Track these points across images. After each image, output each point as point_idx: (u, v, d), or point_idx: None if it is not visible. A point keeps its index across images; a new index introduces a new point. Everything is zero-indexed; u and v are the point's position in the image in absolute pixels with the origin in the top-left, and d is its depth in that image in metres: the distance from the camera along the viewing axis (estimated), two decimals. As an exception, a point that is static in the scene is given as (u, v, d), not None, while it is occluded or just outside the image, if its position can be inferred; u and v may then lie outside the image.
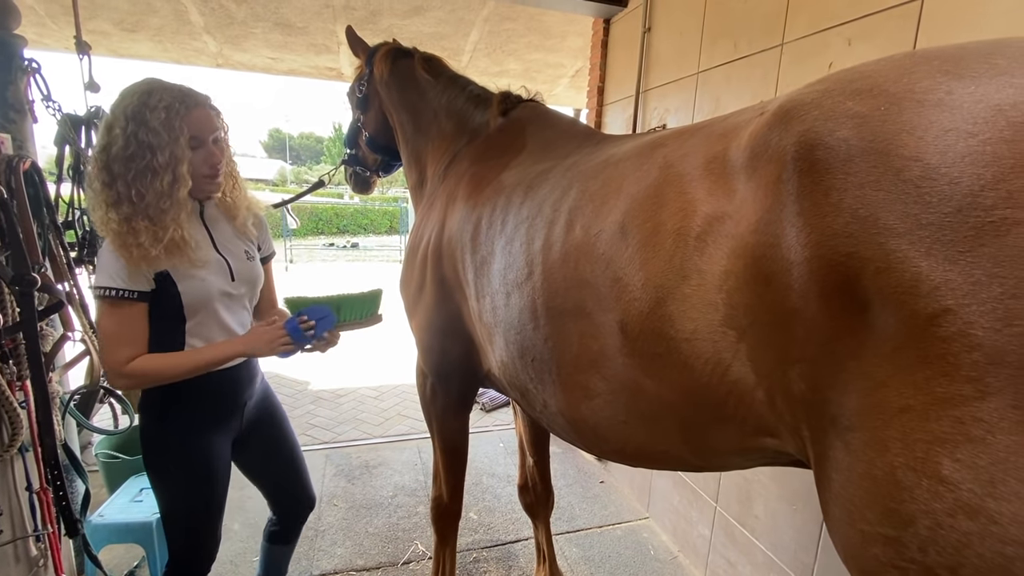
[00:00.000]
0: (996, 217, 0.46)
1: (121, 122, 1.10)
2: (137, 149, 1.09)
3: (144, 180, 1.10)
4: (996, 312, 0.47)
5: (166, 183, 1.11)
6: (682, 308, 0.76)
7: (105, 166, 1.11)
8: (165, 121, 1.10)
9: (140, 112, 1.10)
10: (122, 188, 1.10)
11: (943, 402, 0.50)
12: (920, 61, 0.58)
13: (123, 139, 1.09)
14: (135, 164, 1.09)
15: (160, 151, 1.10)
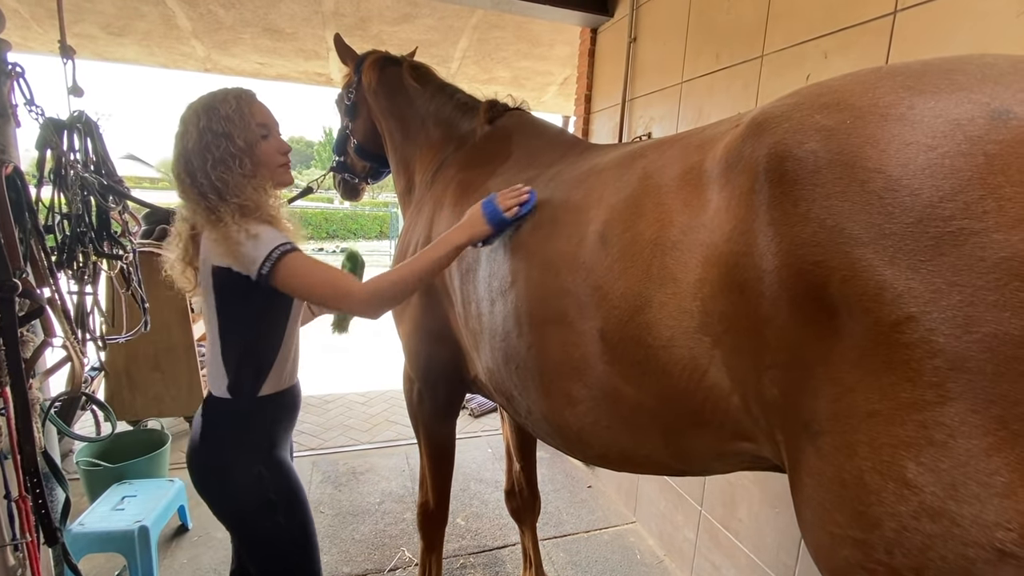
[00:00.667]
0: (954, 227, 0.48)
1: (193, 120, 1.13)
2: (212, 139, 1.11)
3: (223, 166, 1.11)
4: (956, 319, 0.49)
5: (247, 166, 1.13)
6: (659, 316, 0.78)
7: (185, 165, 1.13)
8: (236, 109, 1.14)
9: (210, 106, 1.13)
10: (203, 179, 1.11)
11: (907, 407, 0.52)
12: (885, 76, 0.60)
13: (196, 133, 1.12)
14: (211, 153, 1.11)
15: (236, 137, 1.12)
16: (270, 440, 1.24)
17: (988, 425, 0.47)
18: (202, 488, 1.22)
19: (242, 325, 1.19)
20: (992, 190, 0.47)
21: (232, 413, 1.20)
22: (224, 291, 1.15)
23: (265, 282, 1.09)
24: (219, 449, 1.20)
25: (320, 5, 3.14)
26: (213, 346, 1.20)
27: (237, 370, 1.19)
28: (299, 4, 3.12)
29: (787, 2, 1.73)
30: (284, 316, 1.23)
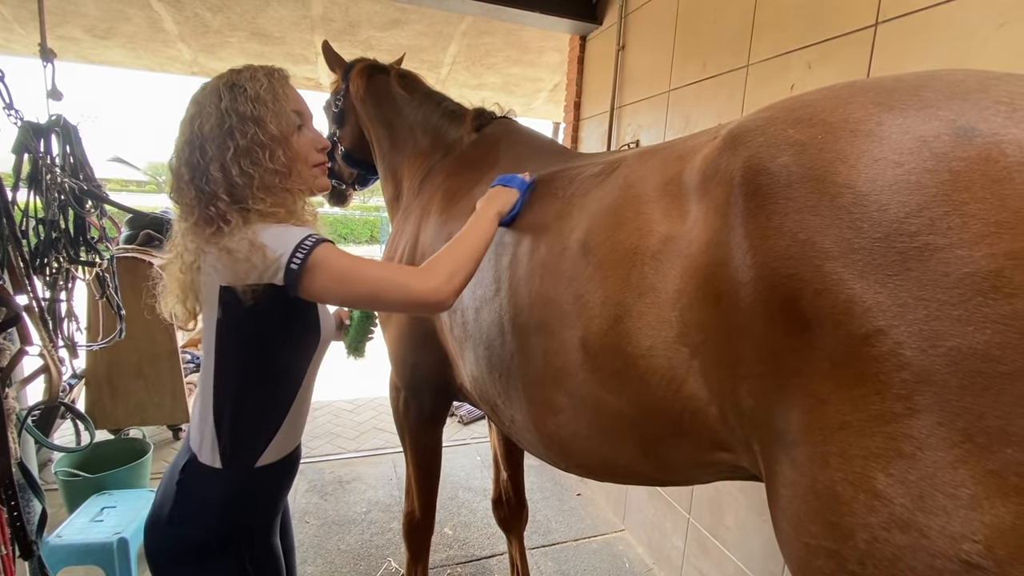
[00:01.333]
0: (920, 243, 0.49)
1: (212, 99, 0.87)
2: (237, 122, 0.85)
3: (249, 158, 0.86)
4: (922, 333, 0.49)
5: (280, 159, 0.88)
6: (638, 325, 0.78)
7: (191, 155, 0.86)
8: (268, 88, 0.89)
9: (235, 83, 0.88)
10: (217, 172, 0.85)
11: (877, 419, 0.53)
12: (857, 92, 0.61)
13: (216, 115, 0.85)
14: (234, 140, 0.85)
15: (267, 121, 0.86)
16: (262, 523, 0.98)
17: (954, 437, 0.48)
18: (162, 571, 0.96)
19: (247, 366, 0.91)
20: (956, 206, 0.47)
21: (219, 489, 0.92)
22: (230, 317, 0.86)
23: (294, 280, 0.81)
24: (194, 533, 0.91)
25: (308, 10, 3.14)
26: (203, 397, 0.93)
27: (233, 430, 0.91)
28: (287, 8, 3.11)
29: (771, 13, 1.76)
30: (304, 353, 0.96)
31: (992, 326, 0.45)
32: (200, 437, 0.93)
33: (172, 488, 0.93)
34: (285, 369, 0.95)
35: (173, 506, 0.92)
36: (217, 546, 0.92)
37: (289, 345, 0.94)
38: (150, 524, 0.97)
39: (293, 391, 0.96)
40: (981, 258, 0.46)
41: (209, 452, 0.92)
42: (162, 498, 0.95)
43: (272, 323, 0.89)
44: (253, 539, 0.96)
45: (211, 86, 0.90)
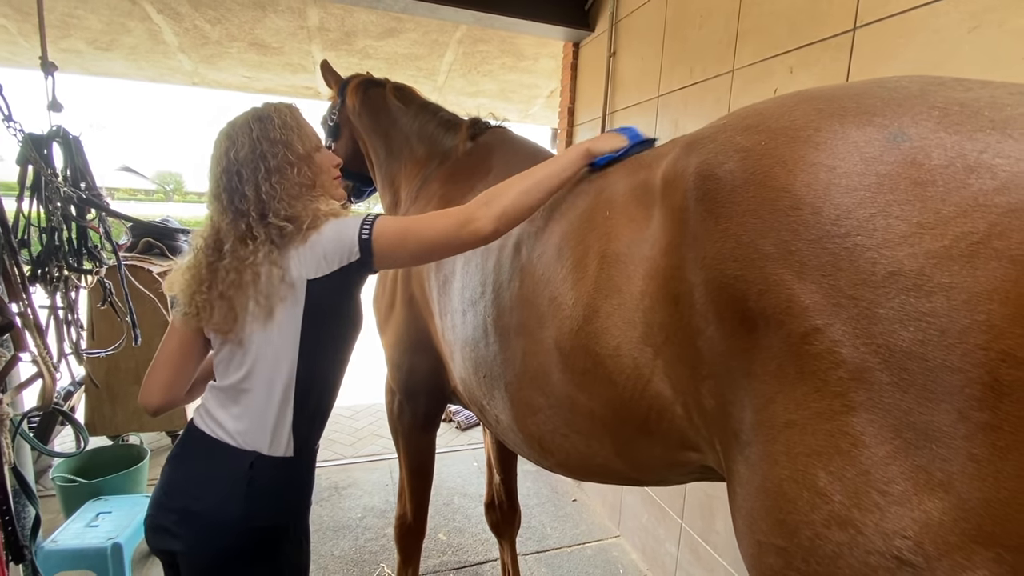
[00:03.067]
0: (850, 244, 0.50)
1: (244, 131, 1.00)
2: (268, 147, 0.98)
3: (279, 175, 0.99)
4: (855, 331, 0.50)
5: (306, 175, 1.02)
6: (606, 325, 0.79)
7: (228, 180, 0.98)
8: (293, 117, 1.04)
9: (263, 116, 1.02)
10: (251, 192, 0.97)
11: (818, 416, 0.54)
12: (803, 100, 0.63)
13: (249, 144, 0.99)
14: (265, 162, 0.98)
15: (296, 144, 1.01)
16: (311, 500, 1.11)
17: (885, 434, 0.49)
18: (231, 563, 0.99)
19: (326, 355, 1.03)
20: (882, 208, 0.49)
21: (292, 474, 1.02)
22: (318, 307, 0.98)
23: (368, 249, 0.95)
24: (276, 522, 1.00)
25: (305, 20, 3.19)
26: (278, 394, 0.98)
27: (311, 418, 1.03)
28: (284, 19, 3.16)
29: (755, 19, 1.78)
30: (355, 338, 1.10)
31: (915, 324, 0.46)
32: (271, 435, 0.99)
33: (239, 488, 0.97)
34: (347, 356, 1.09)
35: (247, 503, 0.97)
36: (293, 529, 1.04)
37: (350, 335, 1.08)
38: (214, 531, 0.98)
39: (343, 376, 1.11)
40: (904, 258, 0.47)
41: (284, 445, 1.00)
42: (220, 502, 0.98)
43: (344, 312, 1.03)
44: (307, 515, 1.11)
45: (241, 120, 1.02)
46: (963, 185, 0.47)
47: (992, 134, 0.48)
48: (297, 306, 0.97)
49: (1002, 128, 0.48)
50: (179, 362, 1.06)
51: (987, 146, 0.48)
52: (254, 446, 0.99)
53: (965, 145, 0.48)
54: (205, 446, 1.01)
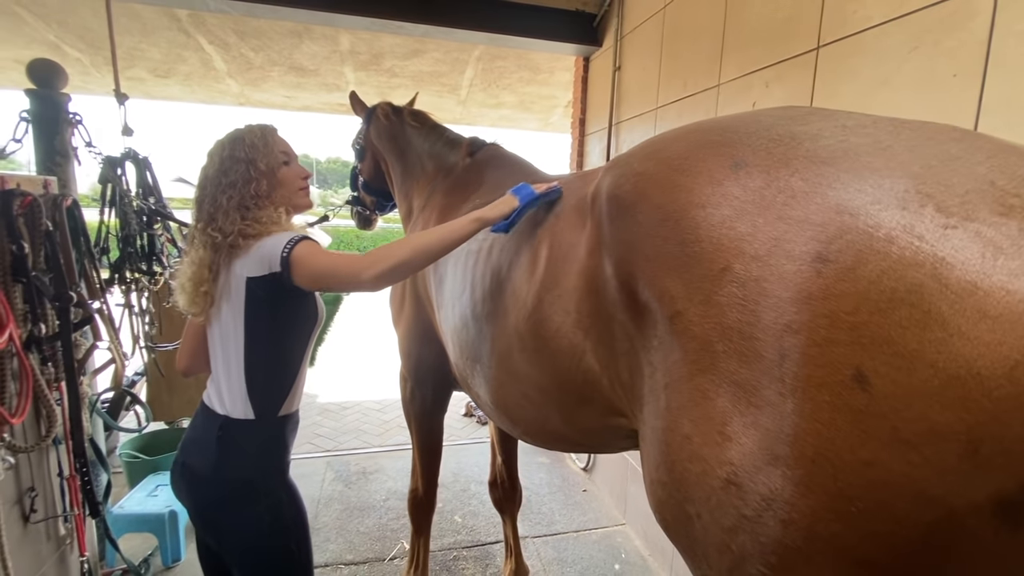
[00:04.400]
0: (696, 249, 0.67)
1: (217, 151, 1.18)
2: (232, 164, 1.15)
3: (236, 188, 1.14)
4: (703, 313, 0.67)
5: (263, 188, 1.17)
6: (549, 313, 0.98)
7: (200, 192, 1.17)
8: (261, 137, 1.20)
9: (236, 137, 1.19)
10: (210, 206, 1.14)
11: (682, 378, 0.70)
12: (689, 132, 0.79)
13: (218, 162, 1.16)
14: (227, 177, 1.15)
15: (258, 161, 1.17)
16: (286, 463, 1.26)
17: (721, 389, 0.65)
18: (216, 517, 1.19)
19: (269, 340, 1.19)
20: (719, 221, 0.65)
21: (255, 436, 1.19)
22: (254, 302, 1.14)
23: (286, 266, 1.09)
24: (241, 475, 1.17)
25: (337, 45, 3.48)
26: (233, 367, 1.18)
27: (264, 390, 1.19)
28: (319, 44, 3.47)
29: (737, 37, 1.91)
30: (306, 330, 1.25)
31: (737, 307, 0.63)
32: (232, 401, 1.18)
33: (212, 445, 1.17)
34: (295, 344, 1.23)
35: (219, 458, 1.16)
36: (262, 483, 1.19)
37: (296, 327, 1.23)
38: (197, 482, 1.19)
39: (299, 358, 1.25)
40: (731, 258, 0.63)
41: (242, 409, 1.17)
42: (202, 458, 1.19)
43: (283, 305, 1.17)
44: (282, 473, 1.25)
45: (220, 142, 1.21)
46: (772, 203, 0.63)
47: (801, 160, 0.64)
48: (240, 298, 1.14)
49: (810, 155, 0.64)
50: (194, 335, 1.29)
51: (795, 170, 0.63)
52: (224, 411, 1.18)
53: (780, 171, 0.64)
54: (202, 410, 1.24)
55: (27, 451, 1.60)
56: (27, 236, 1.60)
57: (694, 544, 0.72)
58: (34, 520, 1.68)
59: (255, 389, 1.18)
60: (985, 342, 0.49)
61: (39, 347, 1.63)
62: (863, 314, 0.54)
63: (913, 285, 0.52)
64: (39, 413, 1.68)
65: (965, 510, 0.51)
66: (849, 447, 0.54)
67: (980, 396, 0.49)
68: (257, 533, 1.18)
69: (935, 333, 0.51)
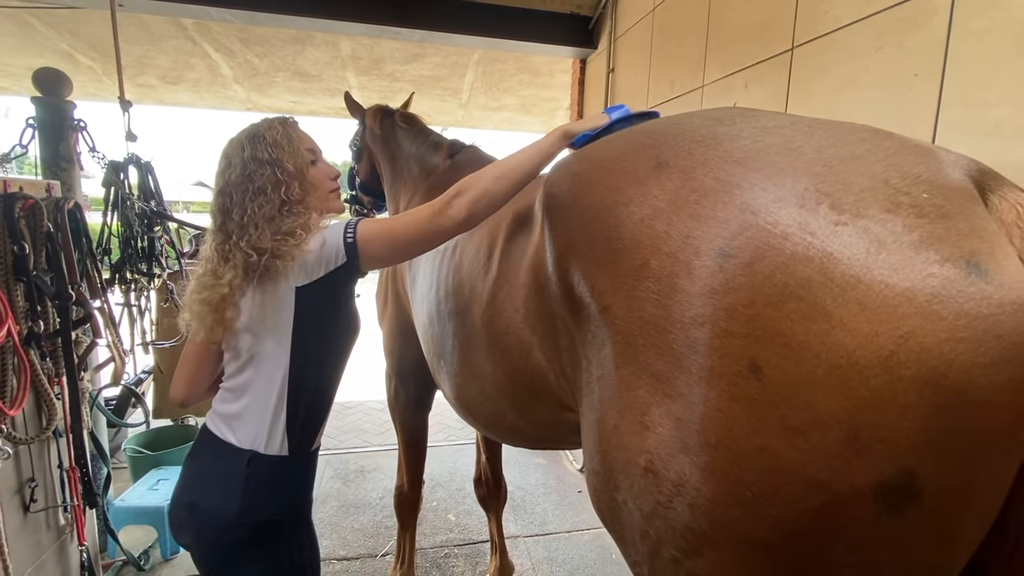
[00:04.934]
0: (620, 245, 0.69)
1: (237, 152, 1.03)
2: (257, 167, 1.01)
3: (266, 195, 1.01)
4: (627, 308, 0.69)
5: (295, 192, 1.03)
6: (500, 309, 1.01)
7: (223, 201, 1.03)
8: (284, 134, 1.05)
9: (255, 134, 1.04)
10: (238, 215, 1.00)
11: (611, 371, 0.72)
12: (629, 134, 0.82)
13: (240, 165, 1.02)
14: (253, 183, 1.01)
15: (285, 161, 1.03)
16: (311, 500, 1.16)
17: (642, 381, 0.67)
18: (233, 559, 1.05)
19: (318, 360, 1.06)
20: (641, 219, 0.67)
21: (287, 474, 1.06)
22: (305, 316, 1.02)
23: (353, 251, 0.99)
24: (269, 517, 1.05)
25: (339, 51, 3.56)
26: (273, 397, 1.03)
27: (305, 420, 1.06)
28: (321, 50, 3.55)
29: (720, 38, 1.92)
30: (351, 344, 1.14)
31: (654, 301, 0.65)
32: (263, 435, 1.03)
33: (237, 485, 1.02)
34: (341, 360, 1.12)
35: (244, 500, 1.01)
36: (289, 522, 1.07)
37: (345, 339, 1.11)
38: (213, 524, 1.03)
39: (338, 381, 1.14)
40: (648, 254, 0.65)
41: (278, 444, 1.04)
42: (220, 499, 1.02)
43: (335, 318, 1.06)
44: (307, 512, 1.15)
45: (236, 140, 1.06)
46: (686, 201, 0.65)
47: (716, 161, 0.66)
48: (288, 313, 1.00)
49: (724, 156, 0.66)
50: (197, 362, 1.12)
51: (709, 170, 0.66)
52: (251, 445, 1.03)
53: (696, 171, 0.67)
54: (212, 445, 1.06)
55: (27, 443, 1.68)
56: (28, 237, 1.68)
57: (623, 530, 0.74)
58: (34, 509, 1.75)
59: (295, 420, 1.05)
60: (863, 333, 0.51)
61: (39, 343, 1.70)
62: (758, 307, 0.56)
63: (802, 279, 0.54)
64: (40, 406, 1.76)
65: (848, 495, 0.53)
66: (745, 434, 0.56)
67: (858, 385, 0.51)
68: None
69: (820, 325, 0.53)
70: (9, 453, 1.58)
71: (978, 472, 0.52)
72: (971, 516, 0.54)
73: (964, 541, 0.56)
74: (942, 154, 0.64)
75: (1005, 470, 0.54)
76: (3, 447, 1.54)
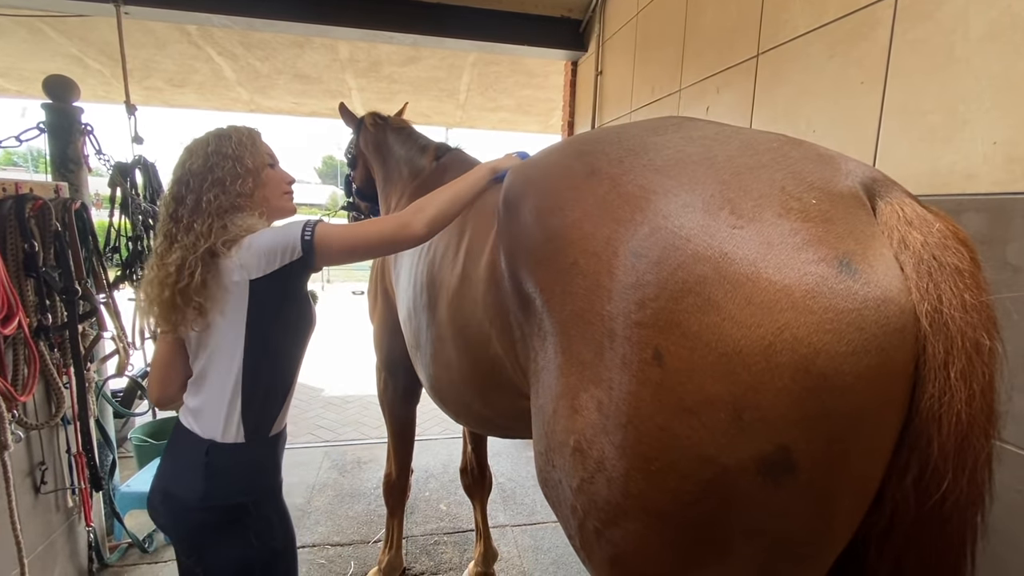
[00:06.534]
0: (553, 246, 0.76)
1: (201, 147, 1.12)
2: (219, 160, 1.09)
3: (220, 187, 1.08)
4: (562, 301, 0.76)
5: (248, 186, 1.12)
6: (463, 303, 1.09)
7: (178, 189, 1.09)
8: (248, 135, 1.16)
9: (223, 135, 1.13)
10: (192, 201, 1.07)
11: (550, 361, 0.80)
12: (571, 142, 0.89)
13: (203, 158, 1.10)
14: (213, 174, 1.09)
15: (245, 158, 1.12)
16: (276, 482, 1.19)
17: (572, 368, 0.74)
18: (203, 544, 1.11)
19: (273, 349, 1.11)
20: (572, 221, 0.75)
21: (245, 459, 1.11)
22: (259, 306, 1.06)
23: (310, 249, 1.04)
24: (231, 500, 1.10)
25: (337, 54, 3.65)
26: (228, 386, 1.08)
27: (261, 407, 1.11)
28: (320, 54, 3.63)
29: (695, 44, 1.98)
30: (307, 335, 1.19)
31: (582, 295, 0.72)
32: (219, 423, 1.09)
33: (198, 473, 1.08)
34: (295, 352, 1.17)
35: (205, 486, 1.07)
36: (253, 506, 1.12)
37: (299, 331, 1.16)
38: (181, 510, 1.09)
39: (295, 370, 1.18)
40: (573, 251, 0.73)
41: (234, 432, 1.09)
42: (186, 486, 1.09)
43: (289, 310, 1.11)
44: (275, 495, 1.19)
45: (203, 138, 1.14)
46: (610, 206, 0.72)
47: (640, 169, 0.73)
48: (242, 304, 1.05)
49: (648, 165, 0.73)
50: (167, 361, 1.15)
51: (633, 178, 0.73)
52: (210, 434, 1.08)
53: (622, 178, 0.74)
54: (181, 435, 1.13)
55: (37, 428, 1.78)
56: (38, 235, 1.78)
57: (559, 506, 0.81)
58: (44, 491, 1.86)
59: (251, 407, 1.10)
60: (748, 324, 0.58)
61: (47, 335, 1.80)
62: (662, 301, 0.63)
63: (700, 276, 0.61)
64: (49, 395, 1.86)
65: (735, 468, 0.60)
66: (649, 415, 0.64)
67: (742, 370, 0.58)
68: (245, 558, 1.11)
69: (712, 317, 0.60)
70: (21, 437, 1.69)
71: (848, 449, 0.59)
72: (846, 490, 0.61)
73: (842, 514, 0.63)
74: (842, 163, 0.70)
75: (875, 449, 0.60)
76: (15, 431, 1.64)
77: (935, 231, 0.63)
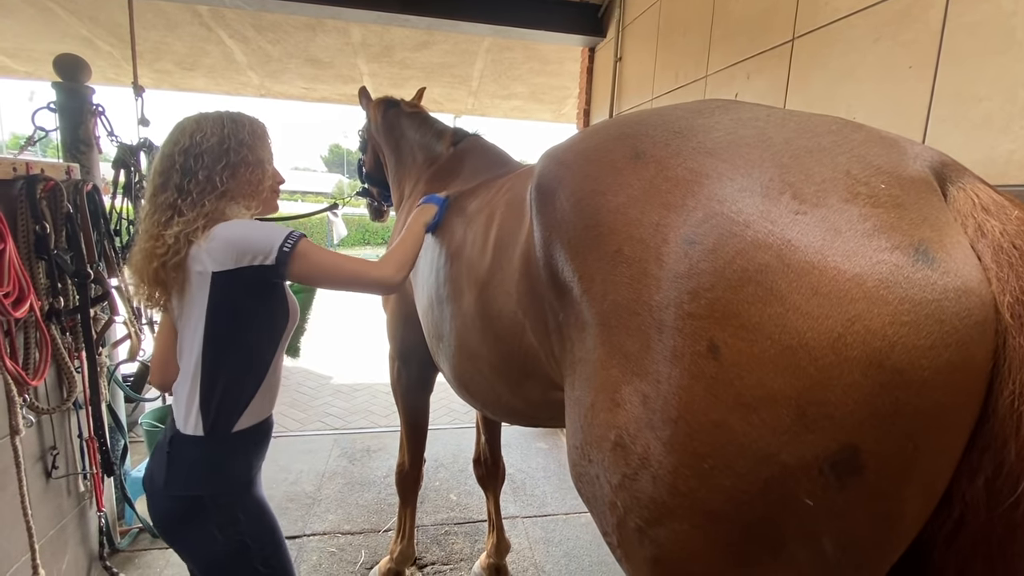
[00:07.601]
0: (595, 233, 0.73)
1: (216, 125, 1.10)
2: (235, 145, 1.09)
3: (231, 171, 1.09)
4: (603, 291, 0.73)
5: (257, 175, 1.13)
6: (495, 294, 1.05)
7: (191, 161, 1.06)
8: (260, 128, 1.17)
9: (237, 119, 1.13)
10: (205, 178, 1.06)
11: (590, 352, 0.76)
12: (607, 126, 0.85)
13: (219, 136, 1.08)
14: (228, 157, 1.08)
15: (257, 149, 1.13)
16: (243, 478, 1.15)
17: (615, 360, 0.71)
18: (170, 531, 1.13)
19: (233, 343, 1.08)
20: (616, 207, 0.71)
21: (204, 454, 1.09)
22: (219, 300, 1.04)
23: (284, 261, 1.02)
24: (188, 492, 1.09)
25: (349, 37, 3.59)
26: (190, 376, 1.07)
27: (221, 402, 1.08)
28: (332, 37, 3.58)
29: (723, 29, 1.92)
30: (279, 330, 1.16)
31: (627, 285, 0.68)
32: (186, 414, 1.09)
33: (163, 460, 1.10)
34: (262, 345, 1.13)
35: (166, 474, 1.09)
36: (210, 500, 1.09)
37: (267, 324, 1.13)
38: (150, 495, 1.13)
39: (266, 364, 1.14)
40: (616, 238, 0.69)
41: (193, 424, 1.08)
42: (154, 472, 1.13)
43: (256, 304, 1.09)
44: (238, 491, 1.13)
45: (214, 116, 1.12)
46: (658, 190, 0.68)
47: (690, 152, 0.69)
48: (203, 293, 1.03)
49: (698, 147, 0.69)
50: (165, 346, 1.16)
51: (682, 161, 0.69)
52: (178, 424, 1.10)
53: (670, 161, 0.70)
54: (170, 420, 1.16)
55: (48, 412, 1.77)
56: (49, 217, 1.76)
57: (595, 502, 0.78)
58: (56, 476, 1.85)
59: (210, 401, 1.07)
60: (815, 316, 0.54)
61: (59, 319, 1.78)
62: (718, 291, 0.59)
63: (761, 265, 0.57)
64: (60, 379, 1.85)
65: (796, 467, 0.56)
66: (703, 410, 0.60)
67: (807, 364, 0.54)
68: (211, 552, 1.11)
69: (775, 308, 0.56)
70: (32, 421, 1.67)
71: (919, 449, 0.55)
72: (913, 492, 0.58)
73: (907, 517, 0.59)
74: (907, 146, 0.66)
75: (947, 449, 0.57)
76: (27, 415, 1.63)
77: (1013, 219, 0.59)
